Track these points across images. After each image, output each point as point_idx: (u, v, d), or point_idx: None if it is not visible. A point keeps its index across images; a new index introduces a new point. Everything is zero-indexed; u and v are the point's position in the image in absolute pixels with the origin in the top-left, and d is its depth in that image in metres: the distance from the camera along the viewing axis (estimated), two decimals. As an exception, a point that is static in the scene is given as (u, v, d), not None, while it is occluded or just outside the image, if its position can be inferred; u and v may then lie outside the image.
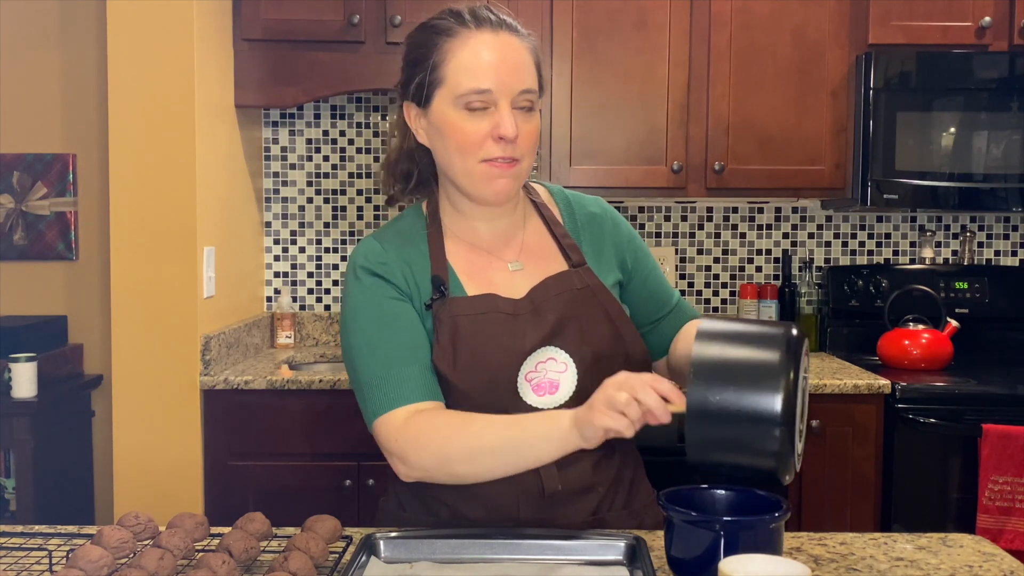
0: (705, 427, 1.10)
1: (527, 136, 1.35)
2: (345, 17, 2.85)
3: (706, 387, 1.09)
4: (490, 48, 1.33)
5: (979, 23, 2.87)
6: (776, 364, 1.10)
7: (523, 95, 1.34)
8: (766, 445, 1.08)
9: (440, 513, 1.40)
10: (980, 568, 1.25)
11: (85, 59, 3.11)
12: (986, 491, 2.52)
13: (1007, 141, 2.85)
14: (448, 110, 1.34)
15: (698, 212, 3.33)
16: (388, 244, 1.42)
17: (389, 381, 1.33)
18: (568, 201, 1.52)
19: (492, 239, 1.45)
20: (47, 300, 3.15)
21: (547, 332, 1.37)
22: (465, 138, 1.34)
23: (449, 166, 1.38)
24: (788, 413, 1.08)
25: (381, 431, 1.33)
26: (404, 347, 1.35)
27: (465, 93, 1.32)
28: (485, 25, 1.35)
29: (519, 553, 1.24)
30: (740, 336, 1.14)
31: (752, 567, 1.03)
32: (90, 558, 1.11)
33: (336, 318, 3.32)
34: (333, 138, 3.30)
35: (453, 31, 1.35)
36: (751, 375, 1.09)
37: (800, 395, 1.12)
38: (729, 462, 1.12)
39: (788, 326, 1.15)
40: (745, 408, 1.08)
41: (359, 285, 1.40)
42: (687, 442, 1.11)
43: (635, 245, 1.52)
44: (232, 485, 2.64)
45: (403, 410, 1.32)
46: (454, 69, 1.33)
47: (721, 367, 1.10)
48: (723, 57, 2.91)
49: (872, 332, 3.02)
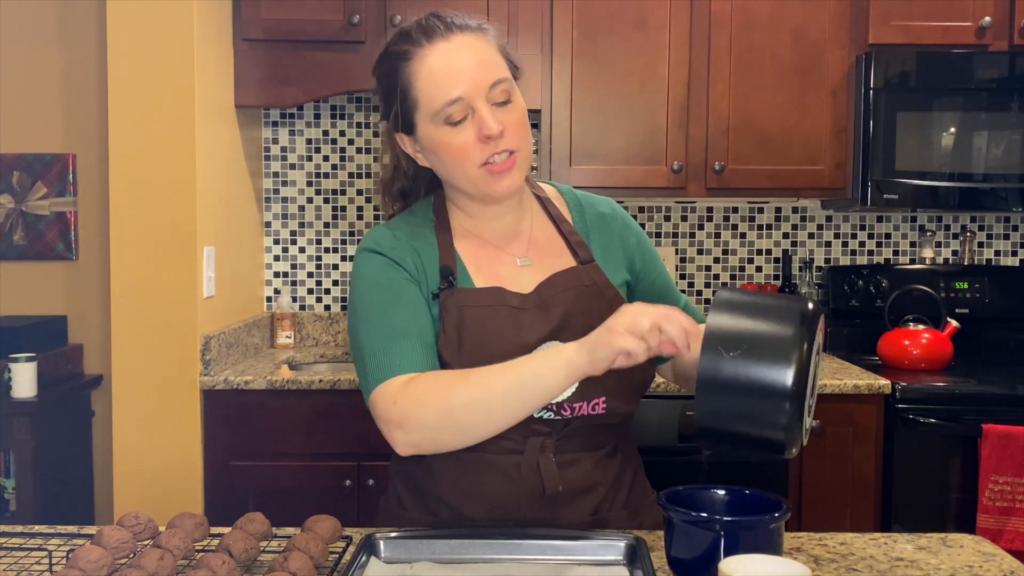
0: (715, 396, 1.10)
1: (514, 126, 1.35)
2: (345, 17, 2.85)
3: (719, 356, 1.09)
4: (446, 57, 1.33)
5: (979, 23, 2.87)
6: (790, 337, 1.09)
7: (496, 88, 1.34)
8: (775, 417, 1.08)
9: (440, 512, 1.40)
10: (980, 568, 1.25)
11: (85, 59, 3.11)
12: (986, 491, 2.52)
13: (1007, 141, 2.85)
14: (432, 130, 1.35)
15: (698, 212, 3.33)
16: (399, 232, 1.43)
17: (389, 352, 1.33)
18: (578, 200, 1.53)
19: (500, 235, 1.45)
20: (47, 300, 3.15)
21: (553, 326, 1.37)
22: (456, 151, 1.34)
23: (451, 178, 1.40)
24: (799, 387, 1.07)
25: (379, 399, 1.31)
26: (407, 322, 1.35)
27: (440, 108, 1.33)
28: (435, 35, 1.34)
29: (519, 553, 1.24)
30: (756, 307, 1.13)
31: (752, 567, 1.03)
32: (90, 558, 1.11)
33: (336, 318, 3.32)
34: (333, 138, 3.30)
35: (408, 54, 1.35)
36: (764, 347, 1.09)
37: (812, 369, 1.11)
38: (737, 431, 1.11)
39: (805, 300, 1.15)
40: (756, 379, 1.08)
41: (369, 263, 1.40)
42: (696, 410, 1.11)
43: (644, 247, 1.53)
44: (232, 485, 2.64)
45: (401, 378, 1.31)
46: (421, 90, 1.34)
47: (735, 336, 1.10)
48: (723, 57, 2.91)
49: (872, 332, 3.02)
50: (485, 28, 1.38)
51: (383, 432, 1.32)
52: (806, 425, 1.12)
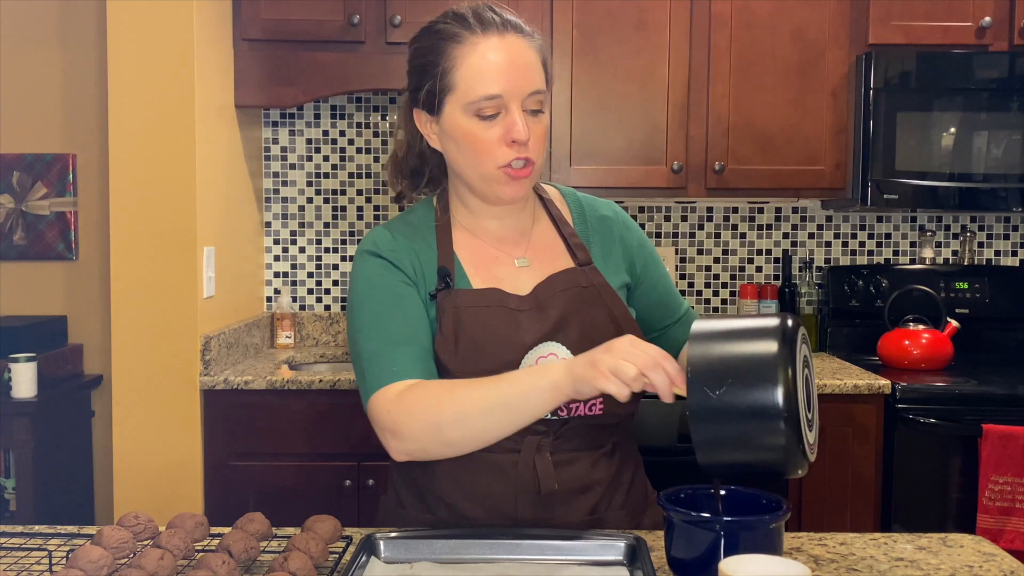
0: (710, 428, 1.08)
1: (538, 137, 1.36)
2: (345, 17, 2.85)
3: (705, 388, 1.08)
4: (498, 52, 1.33)
5: (979, 23, 2.87)
6: (772, 357, 1.07)
7: (532, 96, 1.35)
8: (773, 440, 1.06)
9: (439, 511, 1.41)
10: (980, 568, 1.24)
11: (85, 59, 3.11)
12: (986, 491, 2.52)
13: (1007, 141, 2.85)
14: (460, 118, 1.35)
15: (698, 212, 3.33)
16: (398, 233, 1.44)
17: (386, 358, 1.34)
18: (579, 202, 1.53)
19: (501, 235, 1.46)
20: (47, 300, 3.15)
21: (549, 327, 1.38)
22: (480, 146, 1.34)
23: (463, 171, 1.40)
24: (790, 405, 1.06)
25: (375, 406, 1.33)
26: (405, 327, 1.36)
27: (476, 100, 1.33)
28: (491, 28, 1.35)
29: (519, 553, 1.24)
30: (734, 333, 1.12)
31: (752, 567, 1.03)
32: (90, 558, 1.11)
33: (336, 318, 3.32)
34: (333, 138, 3.30)
35: (460, 37, 1.35)
36: (749, 371, 1.07)
37: (802, 384, 1.10)
38: (739, 460, 1.10)
39: (783, 317, 1.13)
40: (747, 405, 1.06)
41: (367, 267, 1.41)
42: (695, 445, 1.10)
43: (646, 251, 1.53)
44: (232, 485, 2.64)
45: (398, 385, 1.32)
46: (463, 76, 1.33)
47: (718, 366, 1.09)
48: (723, 57, 2.91)
49: (872, 332, 3.02)
50: (536, 36, 1.39)
51: (379, 437, 1.34)
52: (809, 440, 1.11)
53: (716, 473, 1.13)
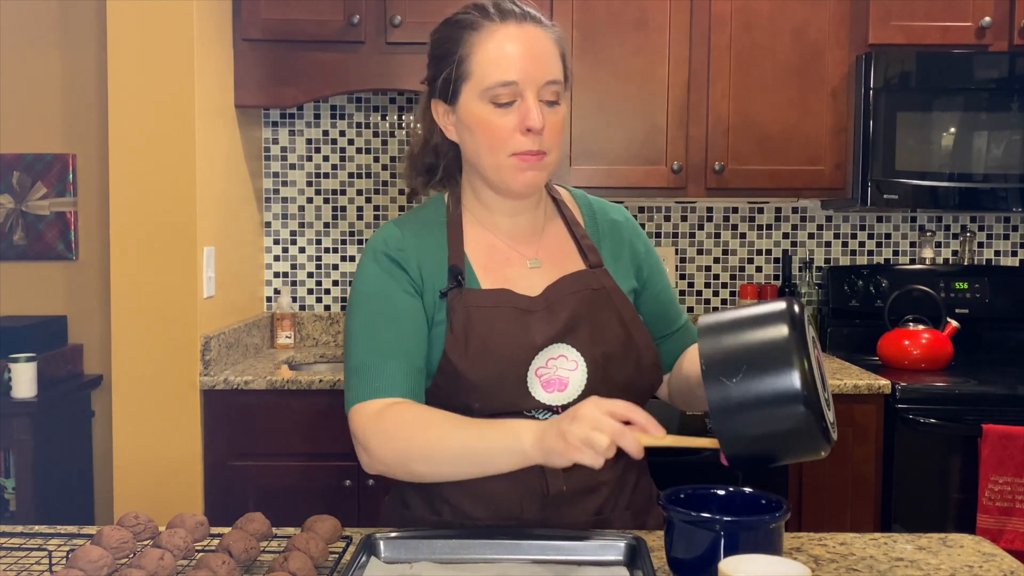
0: (732, 421, 1.08)
1: (553, 128, 1.37)
2: (345, 17, 2.85)
3: (722, 377, 1.08)
4: (515, 40, 1.34)
5: (979, 23, 2.87)
6: (784, 341, 1.08)
7: (548, 86, 1.35)
8: (796, 424, 1.06)
9: (443, 511, 1.40)
10: (980, 568, 1.24)
11: (85, 59, 3.11)
12: (986, 491, 2.52)
13: (1007, 141, 2.85)
14: (476, 105, 1.35)
15: (698, 212, 3.33)
16: (408, 231, 1.43)
17: (374, 371, 1.34)
18: (591, 205, 1.53)
19: (513, 234, 1.45)
20: (47, 300, 3.15)
21: (559, 329, 1.37)
22: (494, 133, 1.35)
23: (478, 161, 1.39)
24: (809, 387, 1.06)
25: (354, 419, 1.34)
26: (398, 341, 1.36)
27: (491, 86, 1.33)
28: (509, 18, 1.36)
29: (519, 553, 1.24)
30: (742, 322, 1.12)
31: (752, 567, 1.03)
32: (90, 558, 1.11)
33: (336, 318, 3.32)
34: (333, 138, 3.30)
35: (478, 25, 1.36)
36: (763, 357, 1.07)
37: (816, 364, 1.10)
38: (765, 449, 1.10)
39: (788, 301, 1.13)
40: (766, 394, 1.06)
41: (373, 269, 1.41)
42: (719, 441, 1.10)
43: (652, 259, 1.53)
44: (232, 485, 2.64)
45: (379, 402, 1.33)
46: (480, 62, 1.34)
47: (731, 355, 1.09)
48: (723, 57, 2.91)
49: (872, 332, 3.02)
50: (555, 28, 1.40)
51: (353, 445, 1.36)
52: (830, 419, 1.11)
53: (742, 466, 1.12)
